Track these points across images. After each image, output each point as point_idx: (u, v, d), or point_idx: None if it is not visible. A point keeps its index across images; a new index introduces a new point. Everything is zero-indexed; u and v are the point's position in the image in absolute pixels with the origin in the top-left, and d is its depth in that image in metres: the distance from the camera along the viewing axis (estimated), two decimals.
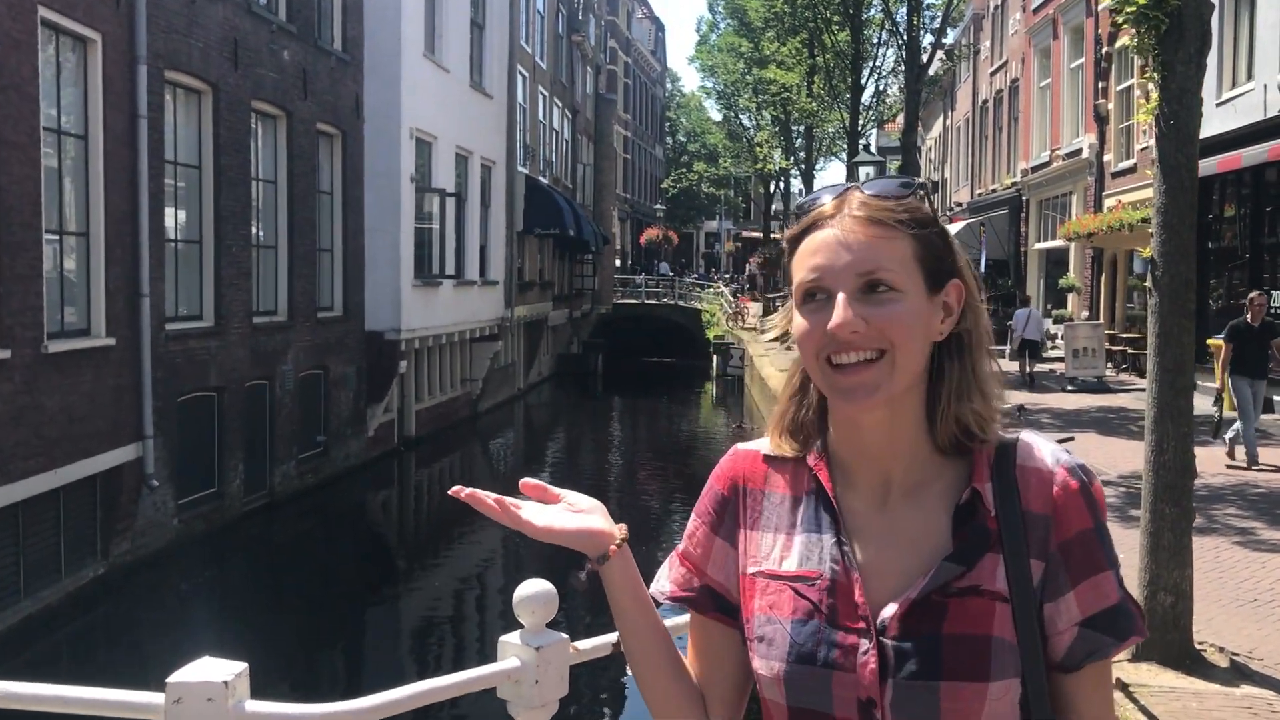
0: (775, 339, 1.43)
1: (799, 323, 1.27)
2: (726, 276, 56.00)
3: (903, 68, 23.40)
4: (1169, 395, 6.17)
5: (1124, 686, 5.61)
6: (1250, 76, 16.23)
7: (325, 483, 17.19)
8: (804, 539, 1.31)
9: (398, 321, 19.20)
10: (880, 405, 1.24)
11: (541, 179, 31.03)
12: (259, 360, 15.17)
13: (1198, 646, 6.15)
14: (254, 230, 15.22)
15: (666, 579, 1.45)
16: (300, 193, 16.42)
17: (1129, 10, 6.21)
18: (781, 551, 1.33)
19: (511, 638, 2.21)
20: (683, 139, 67.21)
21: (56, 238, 11.06)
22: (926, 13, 16.19)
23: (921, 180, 1.33)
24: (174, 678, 1.82)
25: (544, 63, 32.28)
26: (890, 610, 1.23)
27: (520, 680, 2.16)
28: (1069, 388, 19.58)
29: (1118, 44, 22.84)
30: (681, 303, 44.60)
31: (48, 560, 10.84)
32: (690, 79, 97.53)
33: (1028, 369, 20.73)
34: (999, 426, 1.30)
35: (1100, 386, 19.39)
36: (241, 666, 1.86)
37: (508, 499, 1.44)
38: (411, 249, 19.77)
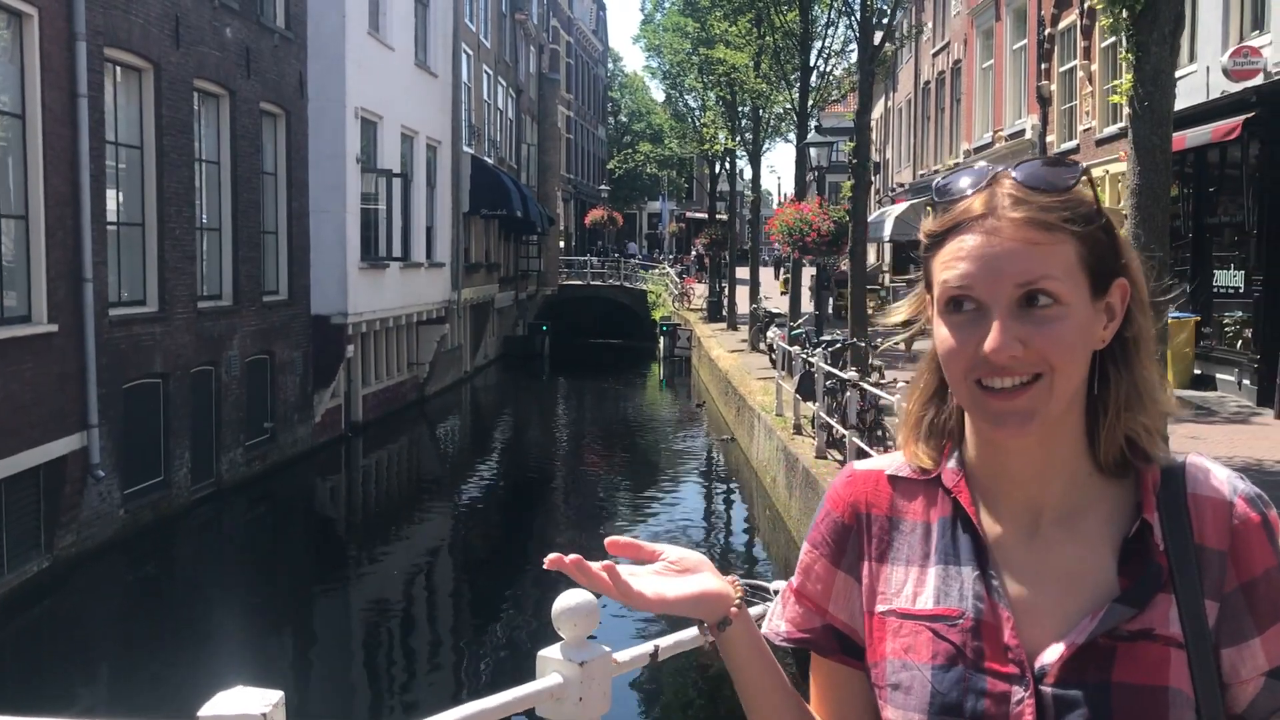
0: (900, 323, 1.26)
1: (943, 334, 1.13)
2: (671, 257, 55.94)
3: (852, 48, 23.41)
4: None
5: None
6: (1193, 58, 16.45)
7: (273, 470, 16.87)
8: (940, 572, 1.17)
9: (344, 305, 18.87)
10: (1036, 430, 1.11)
11: (487, 159, 30.67)
12: (204, 346, 14.82)
13: None
14: (198, 212, 14.84)
15: (780, 617, 1.29)
16: (244, 174, 16.03)
17: None
18: (915, 587, 1.18)
19: (551, 652, 2.10)
20: (625, 119, 66.94)
21: None
22: None
23: (1080, 164, 1.17)
24: (206, 710, 1.68)
25: (488, 41, 31.87)
26: (1052, 655, 1.10)
27: (563, 698, 2.05)
28: None
29: (1061, 26, 23.06)
30: (627, 284, 44.45)
31: None
32: (632, 59, 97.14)
33: None
34: (1165, 444, 1.18)
35: None
36: (278, 696, 1.73)
37: (617, 565, 1.22)
38: (357, 231, 19.43)
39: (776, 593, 3.24)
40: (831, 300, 24.75)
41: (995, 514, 1.18)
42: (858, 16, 15.19)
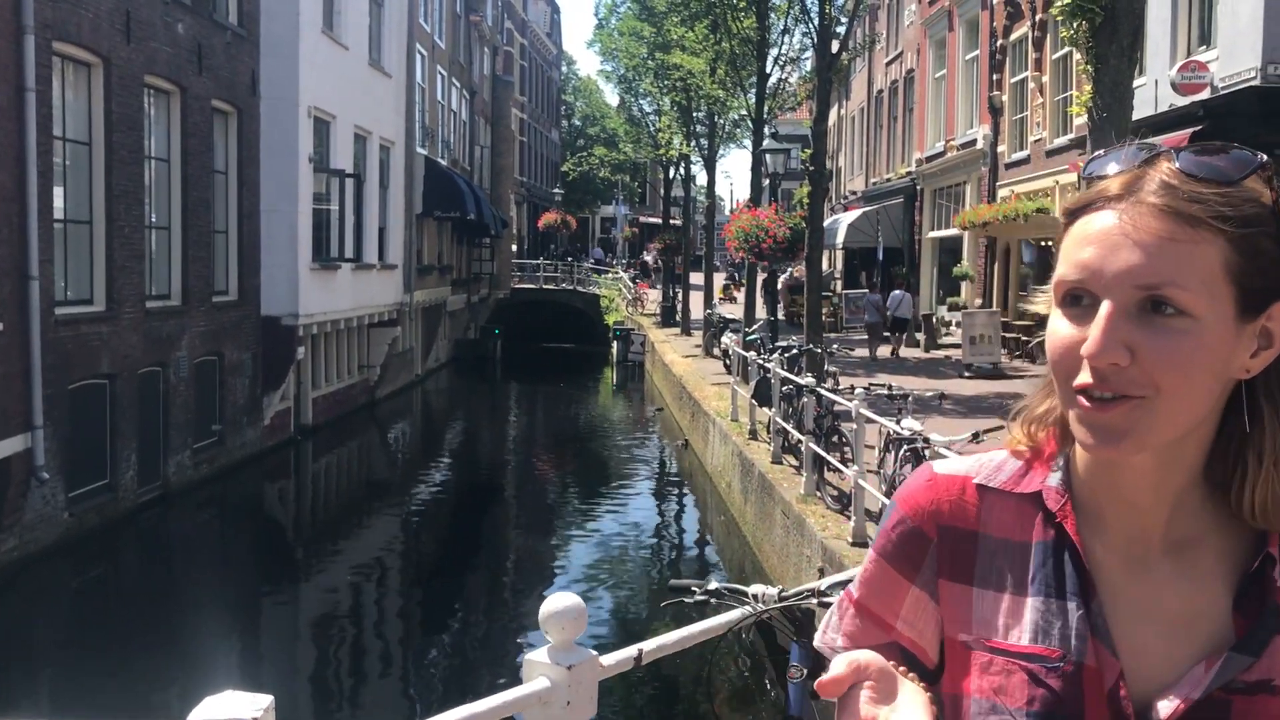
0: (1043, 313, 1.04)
1: (1053, 328, 0.99)
2: (624, 262, 55.96)
3: (807, 55, 23.60)
4: None
5: None
6: (1142, 71, 16.75)
7: (221, 473, 16.61)
8: (1039, 605, 1.04)
9: (295, 306, 18.64)
10: (1130, 453, 0.98)
11: (440, 161, 30.50)
12: (152, 346, 14.56)
13: None
14: (147, 211, 14.58)
15: (837, 630, 1.16)
16: (194, 172, 15.79)
17: (1064, 3, 6.29)
18: (1007, 619, 1.05)
19: (539, 656, 2.07)
20: (579, 123, 66.88)
21: None
22: None
23: (1261, 156, 0.99)
24: (197, 714, 1.63)
25: (442, 42, 31.70)
26: (1165, 710, 0.99)
27: (550, 702, 2.02)
28: (966, 374, 20.03)
29: (1012, 37, 23.40)
30: (580, 288, 44.40)
31: None
32: (587, 63, 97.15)
33: (896, 347, 23.91)
34: None
35: (996, 373, 19.88)
36: (268, 700, 1.68)
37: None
38: (309, 231, 19.22)
39: (754, 596, 3.24)
40: (782, 306, 24.92)
41: (1101, 542, 1.06)
42: (815, 24, 15.30)
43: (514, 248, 45.59)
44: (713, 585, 3.00)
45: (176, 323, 15.30)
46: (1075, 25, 6.35)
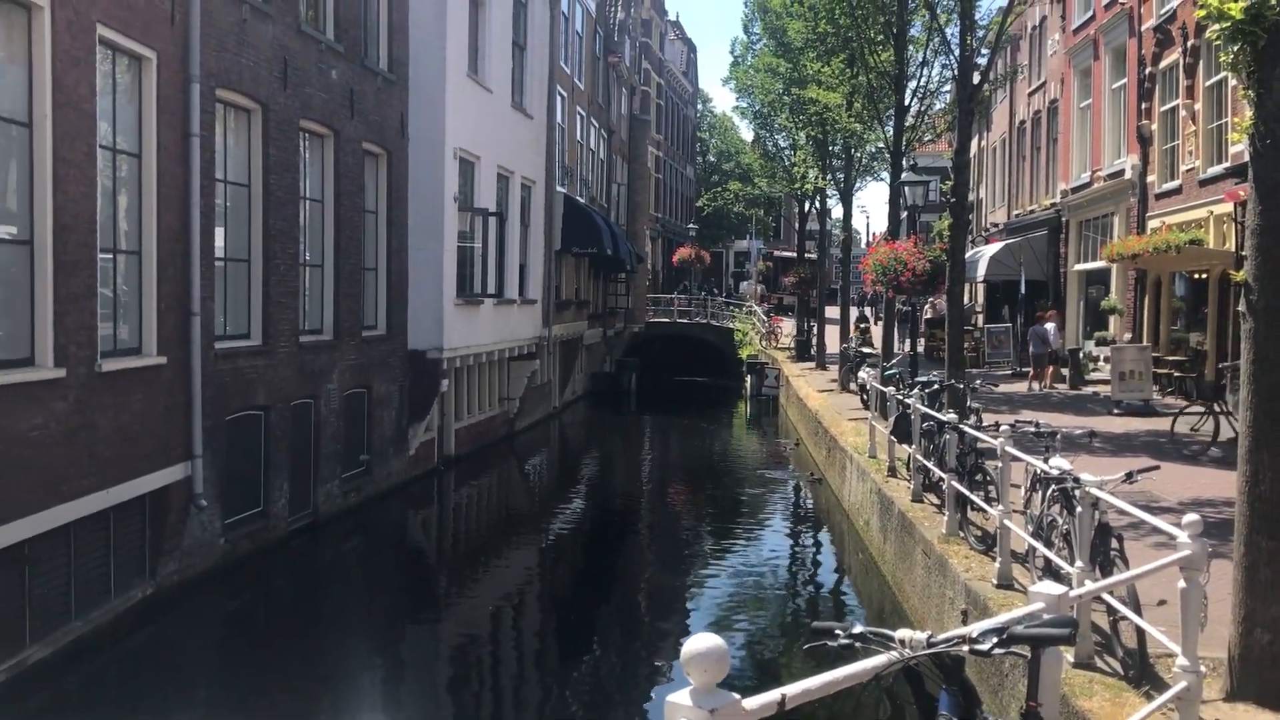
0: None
1: None
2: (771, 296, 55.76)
3: (947, 87, 23.22)
4: (1265, 424, 5.96)
5: None
6: None
7: (368, 502, 17.12)
8: None
9: (440, 340, 19.17)
10: None
11: (579, 198, 31.02)
12: (305, 379, 15.13)
13: None
14: (301, 249, 15.20)
15: None
16: (346, 212, 16.41)
17: (1223, 26, 6.04)
18: None
19: (681, 698, 2.07)
20: (714, 159, 67.17)
21: (110, 256, 11.04)
22: (979, 31, 15.94)
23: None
24: None
25: (582, 83, 32.31)
26: None
27: None
28: (1115, 410, 19.30)
29: (1162, 64, 22.58)
30: (714, 322, 44.44)
31: (98, 580, 10.78)
32: (722, 99, 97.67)
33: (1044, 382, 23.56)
34: None
35: (1147, 410, 19.10)
36: None
37: None
38: (454, 268, 19.76)
39: (901, 642, 3.17)
40: (921, 340, 24.44)
41: None
42: (956, 57, 15.05)
43: (649, 282, 45.94)
44: (857, 629, 2.94)
45: (328, 356, 15.88)
46: (1235, 49, 6.08)
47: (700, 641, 1.99)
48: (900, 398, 13.69)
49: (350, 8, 16.34)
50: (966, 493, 10.21)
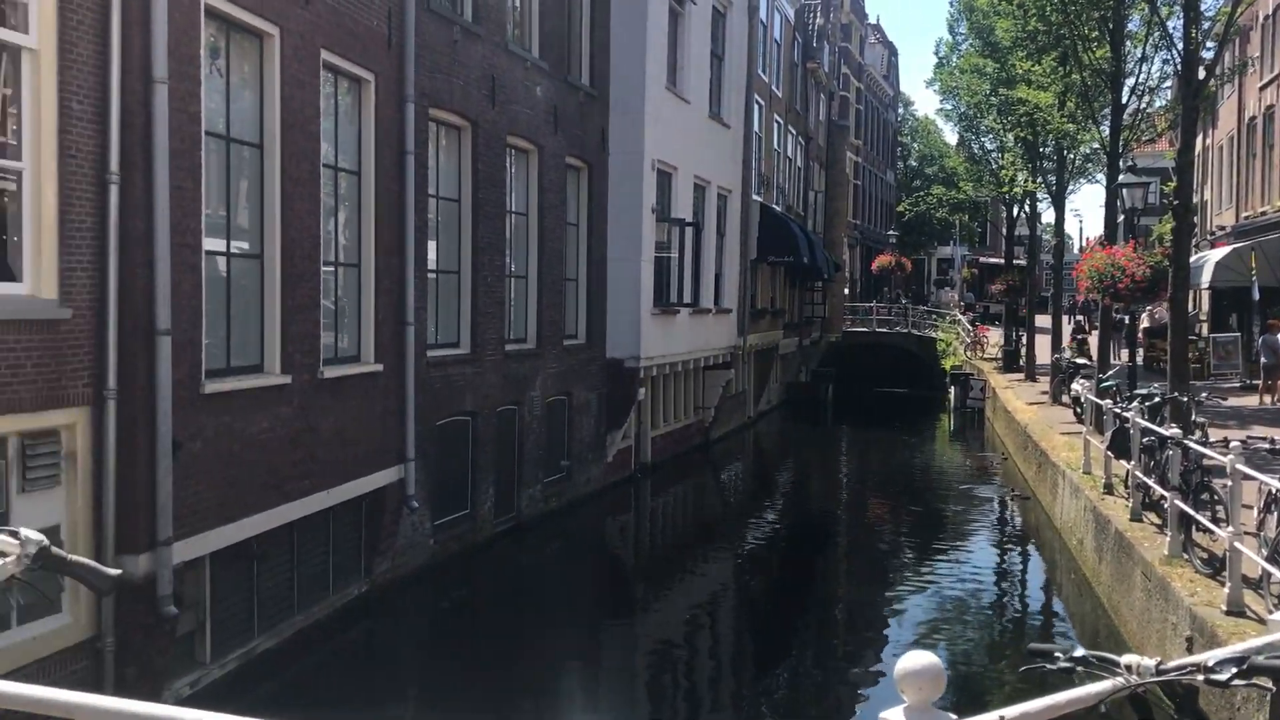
0: None
1: None
2: (963, 304, 54.14)
3: (1168, 84, 21.95)
4: None
5: None
6: None
7: (567, 507, 17.49)
8: None
9: (637, 349, 19.42)
10: None
11: (775, 206, 30.87)
12: (510, 386, 15.59)
13: None
14: (507, 261, 15.68)
15: None
16: (549, 224, 16.84)
17: None
18: None
19: (895, 715, 2.00)
20: (915, 163, 65.67)
21: (331, 269, 11.66)
22: (1205, 23, 14.96)
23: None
24: None
25: (780, 91, 32.18)
26: None
27: None
28: None
29: None
30: (915, 331, 43.37)
31: (318, 576, 11.38)
32: (924, 102, 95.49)
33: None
34: None
35: None
36: None
37: None
38: (651, 278, 19.99)
39: (1128, 667, 2.98)
40: (1140, 351, 23.14)
41: None
42: (1178, 51, 14.19)
43: (846, 291, 45.29)
44: (1079, 652, 2.78)
45: (531, 364, 16.32)
46: None
47: (916, 658, 1.93)
48: (1118, 411, 12.99)
49: (554, 26, 16.78)
50: (1192, 512, 9.59)
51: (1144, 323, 30.72)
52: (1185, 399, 13.54)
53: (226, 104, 9.85)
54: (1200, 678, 2.73)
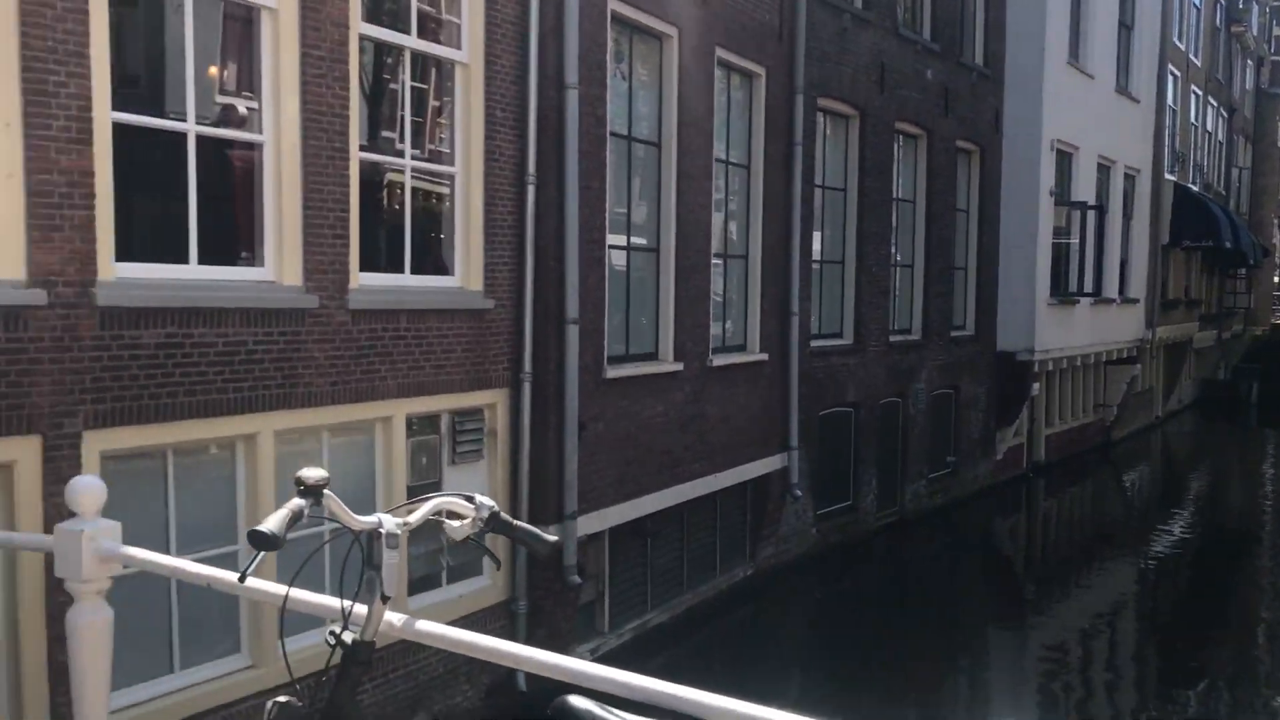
0: None
1: None
2: None
3: None
4: None
5: None
6: None
7: (953, 503, 16.99)
8: None
9: (1031, 342, 18.49)
10: None
11: (1191, 186, 28.24)
12: (893, 378, 15.35)
13: None
14: (892, 250, 15.43)
15: None
16: (937, 211, 16.39)
17: None
18: None
19: None
20: None
21: (720, 261, 12.00)
22: None
23: None
24: None
25: (1198, 59, 29.36)
26: None
27: None
28: None
29: None
30: None
31: (705, 557, 11.79)
32: None
33: None
34: None
35: None
36: None
37: None
38: (1047, 266, 18.97)
39: None
40: None
41: None
42: None
43: (1276, 279, 40.64)
44: None
45: (916, 356, 15.98)
46: None
47: None
48: None
49: (947, 7, 16.28)
50: None
51: None
52: None
53: (629, 105, 10.39)
54: None
